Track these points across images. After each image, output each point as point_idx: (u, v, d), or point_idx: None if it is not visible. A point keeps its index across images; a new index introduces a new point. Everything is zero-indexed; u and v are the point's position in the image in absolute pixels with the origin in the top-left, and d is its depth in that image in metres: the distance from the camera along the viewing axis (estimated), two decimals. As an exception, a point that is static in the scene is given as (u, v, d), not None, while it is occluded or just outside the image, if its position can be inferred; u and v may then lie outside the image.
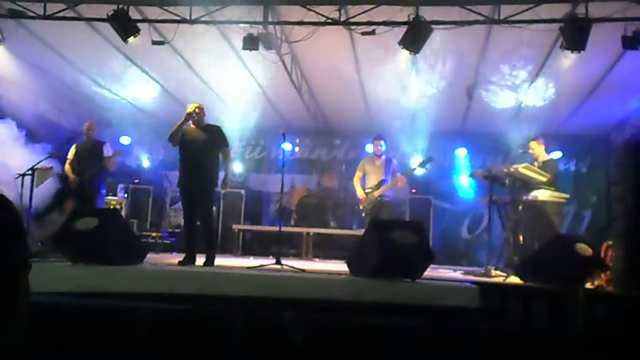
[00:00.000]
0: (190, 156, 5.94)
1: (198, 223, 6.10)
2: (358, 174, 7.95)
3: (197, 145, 5.96)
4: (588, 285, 5.12)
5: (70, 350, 4.08)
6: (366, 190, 7.69)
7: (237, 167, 11.37)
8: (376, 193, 7.58)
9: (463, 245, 10.81)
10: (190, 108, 6.05)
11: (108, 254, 4.97)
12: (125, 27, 6.72)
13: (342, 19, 6.63)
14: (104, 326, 4.23)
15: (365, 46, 7.34)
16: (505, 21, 6.32)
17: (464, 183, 10.65)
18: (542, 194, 6.48)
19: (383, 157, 7.84)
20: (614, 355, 4.18)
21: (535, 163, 6.90)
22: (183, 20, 6.79)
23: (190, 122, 6.06)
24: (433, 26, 6.40)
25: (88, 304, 4.36)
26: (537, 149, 7.06)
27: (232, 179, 10.96)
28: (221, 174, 6.22)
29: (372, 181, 7.72)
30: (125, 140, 11.10)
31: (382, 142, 7.81)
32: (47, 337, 4.10)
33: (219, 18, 6.80)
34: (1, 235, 1.34)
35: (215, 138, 6.06)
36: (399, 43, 6.53)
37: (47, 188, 7.31)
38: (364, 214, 7.79)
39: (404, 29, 6.47)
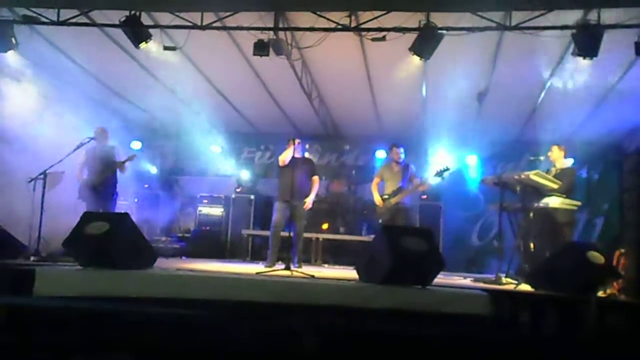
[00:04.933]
0: (296, 179, 6.97)
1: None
2: (376, 180, 7.89)
3: (301, 172, 7.17)
4: (600, 294, 5.07)
5: (80, 354, 4.09)
6: (383, 197, 7.65)
7: (245, 174, 11.39)
8: (393, 200, 7.53)
9: (473, 252, 10.73)
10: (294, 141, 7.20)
11: (118, 259, 4.99)
12: (137, 33, 6.78)
13: (352, 25, 6.64)
14: (113, 330, 4.24)
15: (376, 52, 7.34)
16: (517, 28, 6.30)
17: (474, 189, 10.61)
18: (554, 201, 6.43)
19: (402, 163, 7.80)
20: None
21: (553, 169, 6.82)
22: (194, 26, 6.83)
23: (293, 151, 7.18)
24: (444, 32, 6.40)
25: (98, 308, 4.37)
26: (557, 154, 6.97)
27: (242, 185, 11.07)
28: None
29: (389, 187, 7.67)
30: (135, 145, 11.15)
31: (402, 150, 7.79)
32: (57, 341, 4.12)
33: (230, 24, 6.85)
34: None
35: (312, 168, 7.51)
36: (410, 49, 6.53)
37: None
38: (380, 221, 7.76)
39: (414, 35, 6.48)
